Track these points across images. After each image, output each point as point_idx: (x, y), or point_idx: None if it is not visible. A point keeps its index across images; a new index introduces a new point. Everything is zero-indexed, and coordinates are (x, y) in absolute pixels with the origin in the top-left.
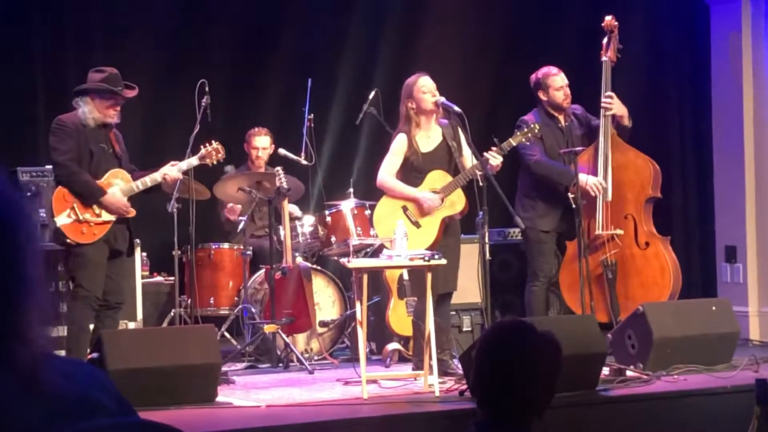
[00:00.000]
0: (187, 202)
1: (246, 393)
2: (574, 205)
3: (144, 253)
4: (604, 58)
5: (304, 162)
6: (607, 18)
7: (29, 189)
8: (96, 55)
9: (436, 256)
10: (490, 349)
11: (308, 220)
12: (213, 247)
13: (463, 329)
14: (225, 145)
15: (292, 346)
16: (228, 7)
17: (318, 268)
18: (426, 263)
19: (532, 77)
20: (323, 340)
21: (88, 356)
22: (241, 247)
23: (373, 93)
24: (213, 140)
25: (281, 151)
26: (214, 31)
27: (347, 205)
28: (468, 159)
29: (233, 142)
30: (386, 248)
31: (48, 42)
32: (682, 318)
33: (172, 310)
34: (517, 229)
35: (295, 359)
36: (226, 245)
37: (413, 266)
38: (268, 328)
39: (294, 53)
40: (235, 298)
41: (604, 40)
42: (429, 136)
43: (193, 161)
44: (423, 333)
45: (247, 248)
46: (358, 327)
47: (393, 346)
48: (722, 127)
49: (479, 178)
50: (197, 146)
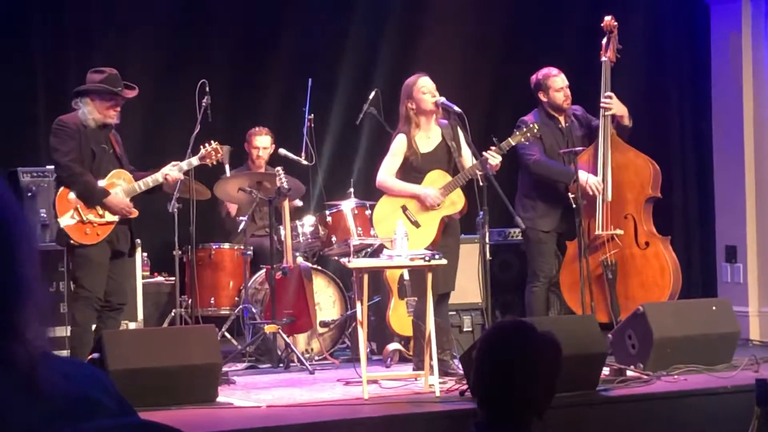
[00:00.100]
0: (188, 202)
1: (246, 393)
2: (574, 205)
3: (145, 254)
4: (603, 58)
5: (305, 162)
6: (607, 18)
7: (30, 189)
8: (96, 55)
9: (437, 256)
10: (490, 349)
11: (309, 220)
12: (213, 247)
13: (464, 329)
14: (225, 145)
15: (292, 347)
16: (228, 7)
17: (318, 268)
18: (426, 263)
19: (533, 78)
20: (324, 340)
21: (89, 356)
22: (242, 247)
23: (373, 93)
24: (212, 140)
25: (282, 151)
26: (215, 31)
27: (348, 205)
28: (467, 159)
29: (234, 142)
30: (386, 248)
31: (48, 42)
32: (683, 318)
33: (173, 311)
34: (517, 230)
35: (295, 359)
36: (226, 245)
37: (414, 266)
38: (268, 329)
39: (294, 53)
40: (236, 298)
41: (604, 41)
42: (429, 137)
43: (194, 161)
44: (423, 333)
45: (247, 248)
46: (359, 327)
47: (393, 346)
48: (722, 127)
49: (479, 178)
50: (198, 146)
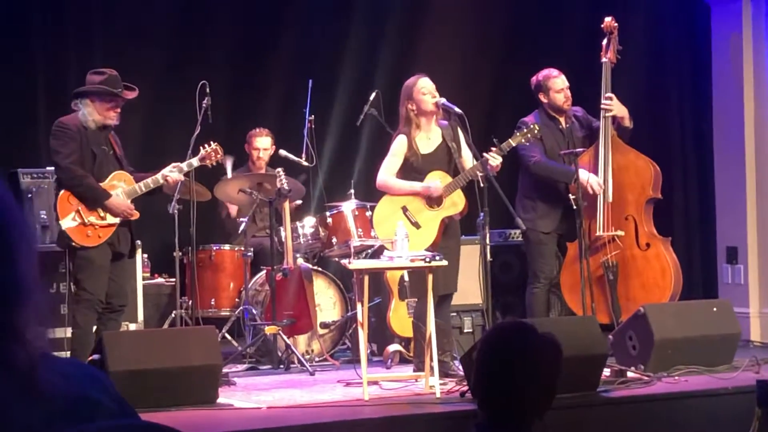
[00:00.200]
0: (188, 204)
1: (247, 394)
2: (575, 206)
3: (145, 255)
4: (603, 59)
5: (305, 163)
6: (607, 19)
7: (30, 190)
8: (96, 56)
9: (437, 257)
10: (491, 350)
11: (309, 221)
12: (214, 248)
13: (464, 330)
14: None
15: (293, 348)
16: (228, 8)
17: (319, 269)
18: (427, 264)
19: (533, 79)
20: (324, 341)
21: (90, 358)
22: (242, 248)
23: (373, 94)
24: (212, 141)
25: (282, 152)
26: (215, 32)
27: (348, 207)
28: (467, 160)
29: (234, 143)
30: (387, 249)
31: (48, 42)
32: (683, 319)
33: (173, 312)
34: (518, 231)
35: (296, 360)
36: (227, 246)
37: (414, 267)
38: (269, 330)
39: (294, 54)
40: (236, 300)
41: (604, 41)
42: (429, 138)
43: (194, 162)
44: (424, 334)
45: (248, 249)
46: (359, 328)
47: (394, 347)
48: (723, 128)
49: (480, 179)
50: (198, 147)
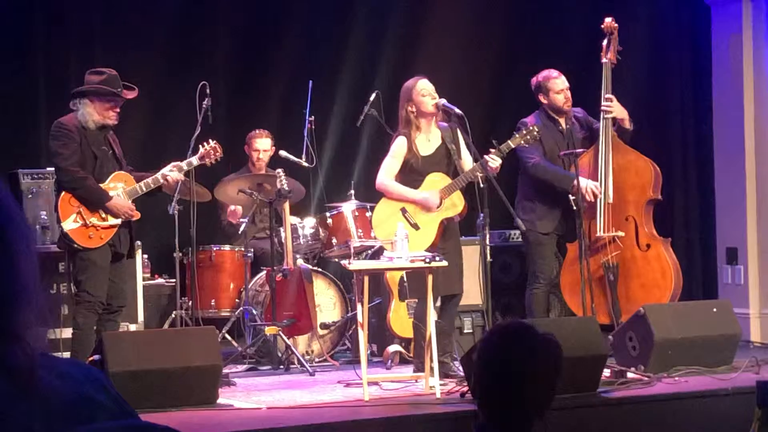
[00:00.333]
0: (188, 204)
1: (247, 395)
2: (575, 207)
3: (145, 255)
4: (604, 59)
5: (305, 164)
6: (607, 20)
7: (30, 191)
8: (97, 56)
9: (437, 258)
10: (491, 351)
11: (309, 222)
12: (214, 249)
13: (464, 331)
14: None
15: (293, 348)
16: (229, 9)
17: (319, 269)
18: (427, 265)
19: (533, 80)
20: (324, 341)
21: (90, 358)
22: (242, 249)
23: (374, 95)
24: (211, 139)
25: (282, 153)
26: (215, 33)
27: (348, 207)
28: (466, 162)
29: (234, 144)
30: (387, 250)
31: (49, 43)
32: (683, 320)
33: (173, 312)
34: (517, 231)
35: (296, 361)
36: (227, 247)
37: (414, 268)
38: (269, 330)
39: (295, 55)
40: (236, 300)
41: (604, 42)
42: (429, 139)
43: (193, 161)
44: (424, 335)
45: (248, 250)
46: (359, 329)
47: (394, 348)
48: (723, 129)
49: (479, 179)
50: (198, 148)
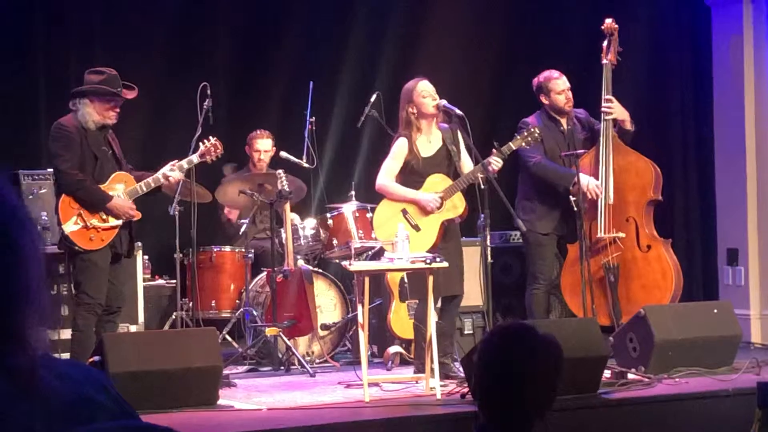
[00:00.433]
0: (189, 205)
1: (247, 396)
2: (575, 208)
3: (146, 256)
4: (604, 60)
5: (306, 165)
6: (607, 21)
7: (31, 192)
8: (97, 56)
9: (438, 259)
10: (491, 351)
11: (310, 223)
12: (215, 249)
13: (465, 332)
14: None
15: (293, 349)
16: (229, 9)
17: (319, 270)
18: (427, 266)
19: (534, 81)
20: (325, 343)
21: (90, 359)
22: (243, 250)
23: (374, 96)
24: (211, 136)
25: (283, 154)
26: (216, 34)
27: (349, 208)
28: (466, 163)
29: (235, 144)
30: (387, 251)
31: (49, 43)
32: (684, 321)
33: (174, 313)
34: (518, 232)
35: (296, 362)
36: (227, 248)
37: (415, 269)
38: (269, 331)
39: (295, 55)
40: (237, 301)
41: (605, 43)
42: (429, 141)
43: (194, 159)
44: (424, 336)
45: (248, 251)
46: (360, 330)
47: (394, 349)
48: (724, 130)
49: (480, 181)
50: (199, 146)
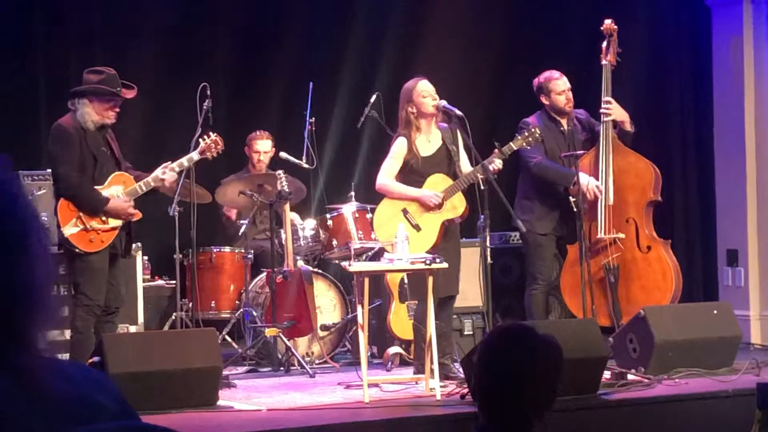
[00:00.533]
0: (189, 206)
1: (247, 396)
2: (575, 209)
3: (145, 257)
4: (604, 61)
5: (306, 165)
6: (607, 21)
7: (31, 192)
8: (97, 56)
9: (438, 260)
10: (491, 352)
11: (310, 223)
12: (214, 250)
13: (465, 333)
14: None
15: (293, 350)
16: (229, 9)
17: (319, 271)
18: (427, 267)
19: (535, 81)
20: (324, 343)
21: (90, 360)
22: (243, 250)
23: (374, 96)
24: (211, 132)
25: (283, 154)
26: (216, 34)
27: (348, 209)
28: (464, 164)
29: (234, 145)
30: (387, 252)
31: (49, 43)
32: (684, 322)
33: (174, 314)
34: (518, 233)
35: (296, 363)
36: (227, 249)
37: (415, 270)
38: (269, 332)
39: (295, 55)
40: (237, 302)
41: (604, 44)
42: (429, 140)
43: (194, 156)
44: (424, 336)
45: (248, 252)
46: (360, 330)
47: (394, 349)
48: (723, 131)
49: (480, 181)
50: (199, 143)
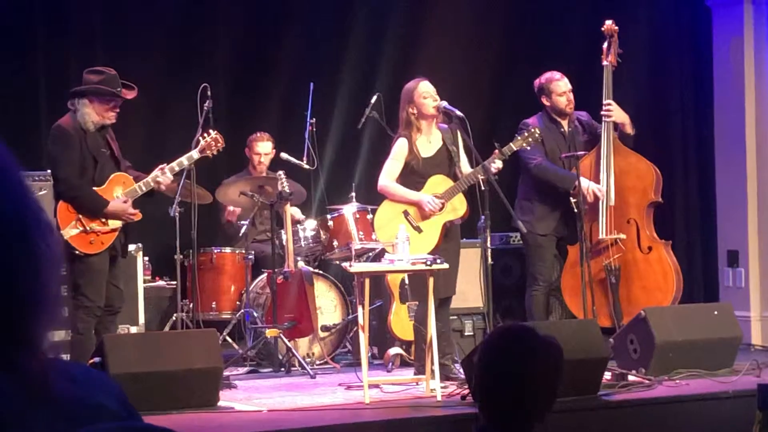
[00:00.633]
0: (189, 207)
1: (248, 397)
2: (576, 210)
3: (146, 258)
4: (604, 62)
5: (306, 166)
6: (608, 22)
7: None
8: (97, 56)
9: (438, 261)
10: (491, 353)
11: (310, 224)
12: (215, 251)
13: (465, 334)
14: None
15: (294, 351)
16: (229, 9)
17: (320, 272)
18: (428, 267)
19: (536, 82)
20: (325, 344)
21: (90, 361)
22: (243, 251)
23: (375, 97)
24: (211, 130)
25: (283, 155)
26: (217, 35)
27: (349, 209)
28: (464, 164)
29: (235, 146)
30: (388, 252)
31: (49, 43)
32: (684, 322)
33: (174, 315)
34: (518, 234)
35: (296, 364)
36: (228, 249)
37: (415, 270)
38: (270, 333)
39: (295, 56)
40: (237, 303)
41: (605, 45)
42: (430, 141)
43: (194, 155)
44: (425, 337)
45: (248, 252)
46: (360, 331)
47: (395, 350)
48: (724, 132)
49: (481, 182)
50: (199, 141)
